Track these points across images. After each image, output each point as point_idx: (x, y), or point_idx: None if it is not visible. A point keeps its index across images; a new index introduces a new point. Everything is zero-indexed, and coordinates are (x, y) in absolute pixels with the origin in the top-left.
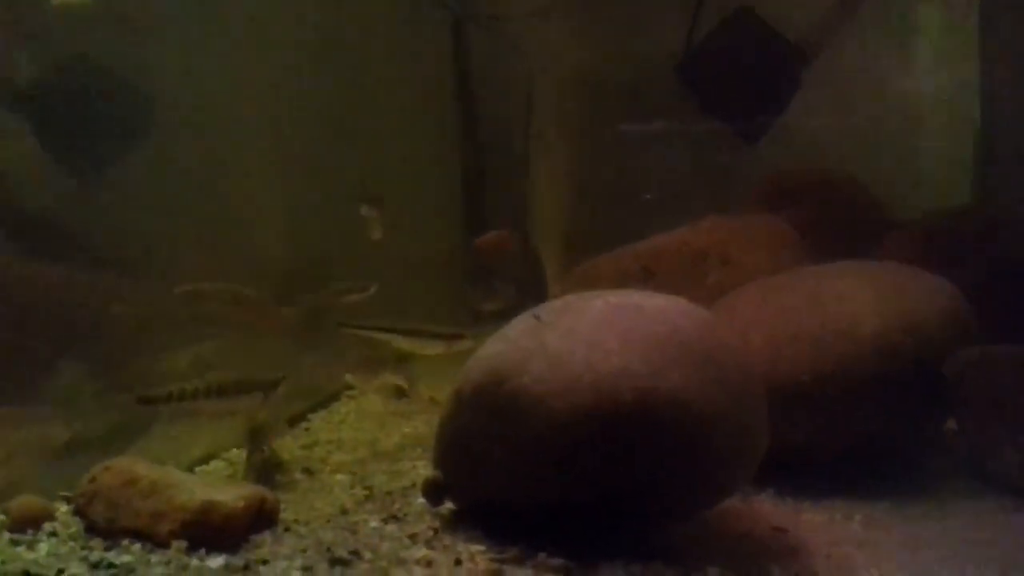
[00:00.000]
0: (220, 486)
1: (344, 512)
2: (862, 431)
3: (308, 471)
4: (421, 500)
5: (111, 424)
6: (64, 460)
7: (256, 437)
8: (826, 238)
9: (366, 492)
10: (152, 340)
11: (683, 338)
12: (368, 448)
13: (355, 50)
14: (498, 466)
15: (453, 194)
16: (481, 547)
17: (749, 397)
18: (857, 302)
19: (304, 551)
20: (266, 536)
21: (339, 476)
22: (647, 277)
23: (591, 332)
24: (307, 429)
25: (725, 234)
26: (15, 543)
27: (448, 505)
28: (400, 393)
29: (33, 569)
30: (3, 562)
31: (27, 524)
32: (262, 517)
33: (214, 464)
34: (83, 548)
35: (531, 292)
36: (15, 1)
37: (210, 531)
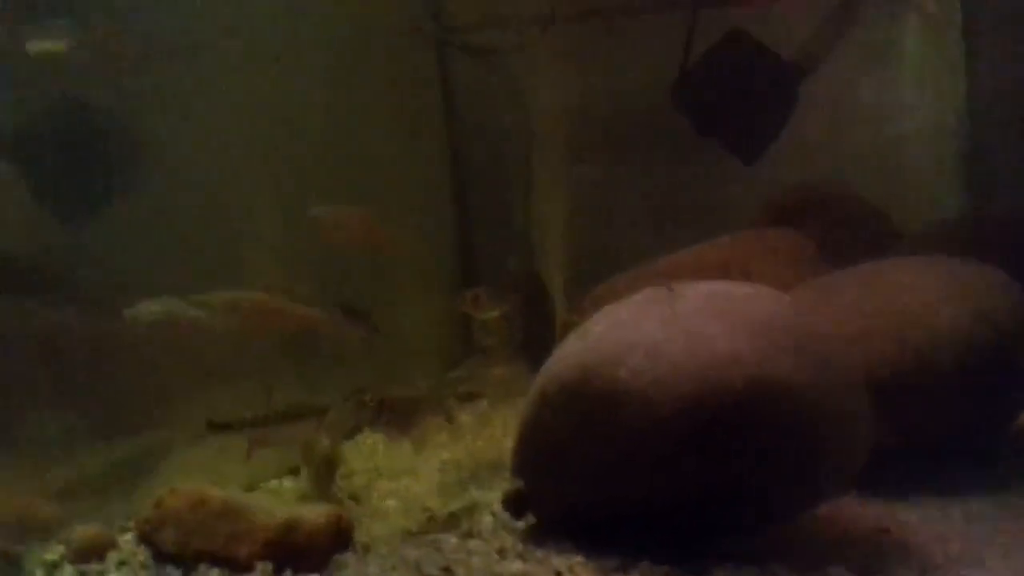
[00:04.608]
0: (293, 505)
1: (412, 535)
2: (942, 426)
3: (355, 498)
4: (489, 519)
5: (113, 462)
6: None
7: (328, 465)
8: (834, 252)
9: (427, 514)
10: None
11: (784, 323)
12: (410, 475)
13: (341, 78)
14: (591, 468)
15: (443, 222)
16: (579, 558)
17: (856, 386)
18: (927, 292)
19: (394, 569)
20: (348, 556)
21: (390, 502)
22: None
23: (689, 319)
24: None
25: (745, 248)
26: (82, 573)
27: (529, 519)
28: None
29: None
30: None
31: (90, 555)
32: (341, 536)
33: (257, 496)
34: None
35: (537, 321)
36: None
37: (293, 551)
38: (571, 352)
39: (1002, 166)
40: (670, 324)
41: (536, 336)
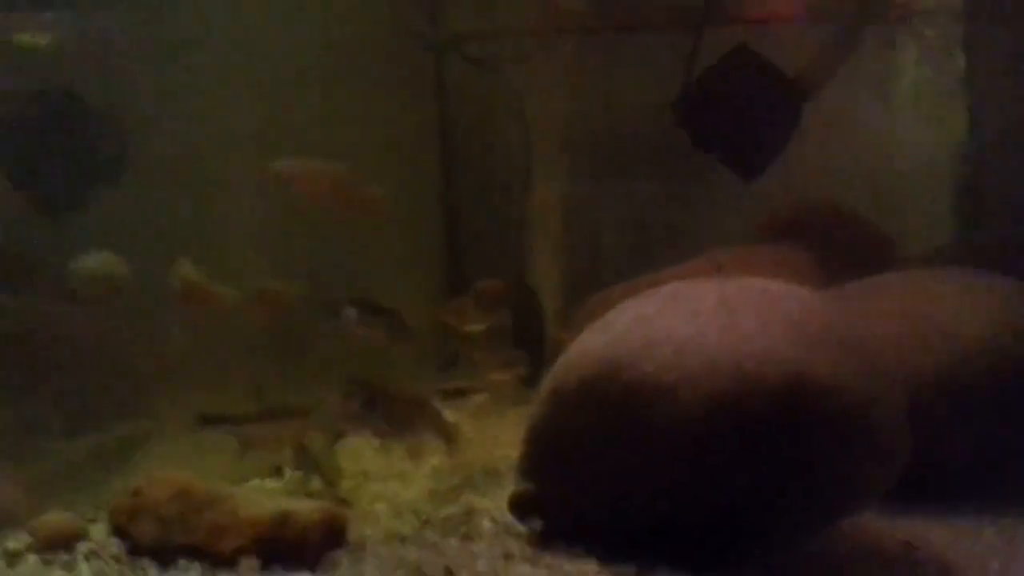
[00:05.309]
0: (283, 498)
1: (405, 538)
2: (970, 440)
3: (343, 500)
4: (488, 524)
5: (88, 453)
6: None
7: (327, 463)
8: (836, 270)
9: (422, 518)
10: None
11: (823, 321)
12: (399, 480)
13: (334, 80)
14: (612, 470)
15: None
16: (592, 565)
17: (896, 391)
18: (957, 303)
19: (394, 569)
20: (341, 555)
21: (380, 505)
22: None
23: (721, 314)
24: None
25: (750, 261)
26: (47, 563)
27: (534, 524)
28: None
29: None
30: None
31: (58, 545)
32: (334, 534)
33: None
34: (133, 570)
35: (529, 334)
36: None
37: (283, 547)
38: (591, 346)
39: (1001, 192)
40: (700, 318)
41: (527, 350)
